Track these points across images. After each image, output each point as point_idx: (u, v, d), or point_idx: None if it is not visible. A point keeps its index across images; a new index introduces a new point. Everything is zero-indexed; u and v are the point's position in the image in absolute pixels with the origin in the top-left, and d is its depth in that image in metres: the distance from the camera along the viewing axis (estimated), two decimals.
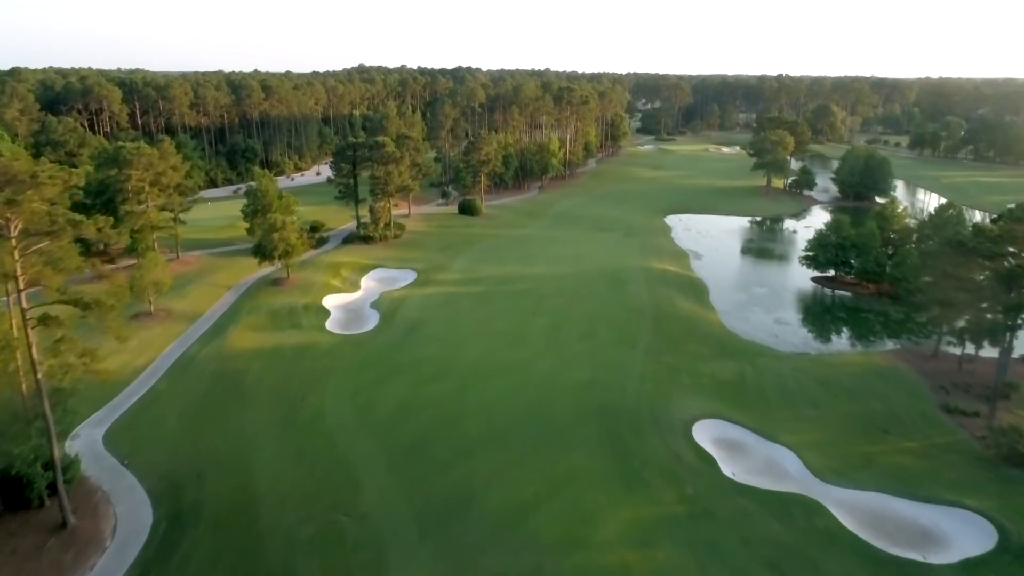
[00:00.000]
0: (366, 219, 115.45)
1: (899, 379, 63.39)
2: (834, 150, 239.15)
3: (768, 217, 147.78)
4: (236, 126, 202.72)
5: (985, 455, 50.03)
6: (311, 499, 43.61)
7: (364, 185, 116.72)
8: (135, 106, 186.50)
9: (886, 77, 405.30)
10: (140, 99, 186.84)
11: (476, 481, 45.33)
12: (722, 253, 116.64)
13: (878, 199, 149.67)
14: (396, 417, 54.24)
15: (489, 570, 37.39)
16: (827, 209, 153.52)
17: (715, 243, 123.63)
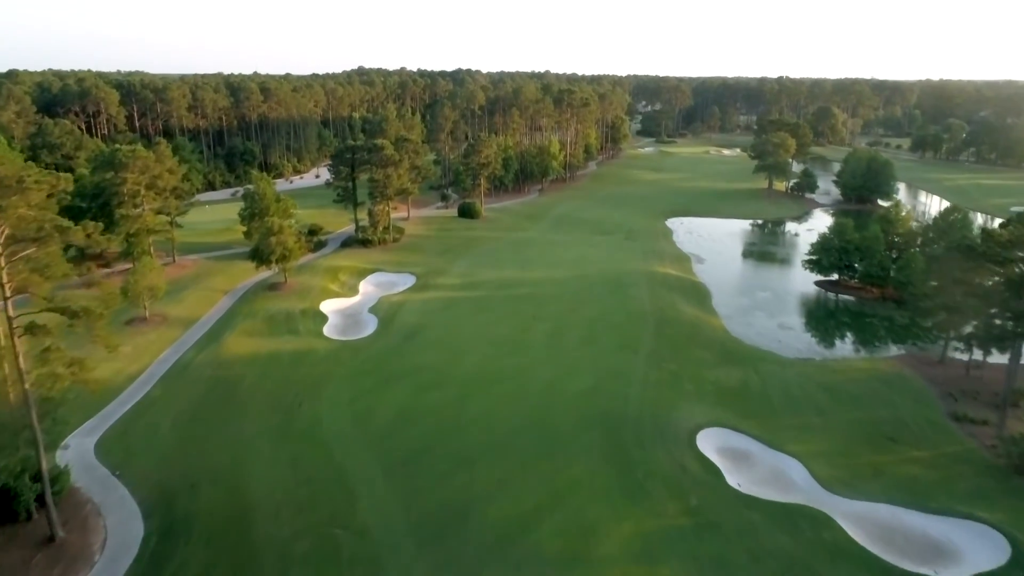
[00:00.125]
0: (365, 222, 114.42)
1: (905, 385, 62.32)
2: (835, 152, 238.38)
3: (770, 220, 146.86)
4: (235, 128, 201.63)
5: (995, 465, 48.95)
6: (307, 511, 42.55)
7: (363, 188, 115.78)
8: (133, 108, 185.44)
9: (887, 79, 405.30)
10: (138, 101, 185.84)
11: (476, 492, 44.27)
12: (724, 257, 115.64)
13: (881, 202, 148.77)
14: (394, 425, 53.19)
15: None
16: (829, 212, 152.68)
17: (717, 246, 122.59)
